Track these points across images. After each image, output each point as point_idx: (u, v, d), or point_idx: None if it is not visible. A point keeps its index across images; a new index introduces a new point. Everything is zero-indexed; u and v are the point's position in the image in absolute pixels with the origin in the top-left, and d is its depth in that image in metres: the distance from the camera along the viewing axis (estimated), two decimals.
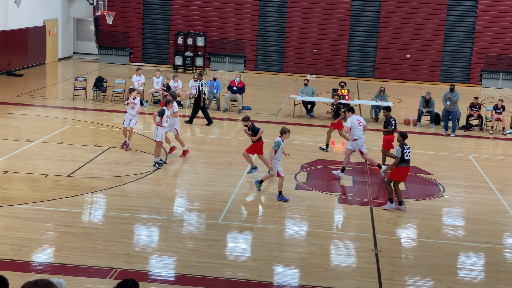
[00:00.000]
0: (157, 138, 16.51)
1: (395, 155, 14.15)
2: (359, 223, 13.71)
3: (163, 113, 16.47)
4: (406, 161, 14.12)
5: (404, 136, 14.28)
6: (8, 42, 30.36)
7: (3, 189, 14.27)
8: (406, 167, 14.15)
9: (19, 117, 21.67)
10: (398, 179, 14.20)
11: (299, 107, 24.89)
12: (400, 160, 14.03)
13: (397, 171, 14.13)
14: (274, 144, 14.73)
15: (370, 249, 12.14)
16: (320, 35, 35.64)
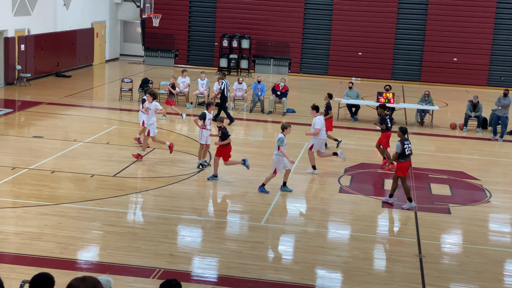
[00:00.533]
0: (202, 141, 16.64)
1: (395, 151, 14.34)
2: (403, 228, 13.56)
3: (204, 116, 16.57)
4: (407, 156, 14.33)
5: (404, 131, 14.56)
6: (57, 43, 30.93)
7: (50, 188, 14.54)
8: (407, 161, 14.34)
9: (66, 117, 22.06)
10: (405, 174, 14.38)
11: (343, 110, 24.75)
12: (400, 155, 14.21)
13: (400, 167, 14.31)
14: (278, 141, 14.84)
15: (414, 254, 11.99)
16: (365, 37, 35.39)
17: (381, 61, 35.49)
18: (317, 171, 16.94)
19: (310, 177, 16.70)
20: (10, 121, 21.42)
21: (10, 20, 26.95)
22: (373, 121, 18.10)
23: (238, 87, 25.26)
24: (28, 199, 13.70)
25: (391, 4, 35.10)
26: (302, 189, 15.89)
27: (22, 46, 27.90)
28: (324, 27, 35.83)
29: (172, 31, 36.67)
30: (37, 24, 29.05)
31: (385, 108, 18.15)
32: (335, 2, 35.43)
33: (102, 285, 4.57)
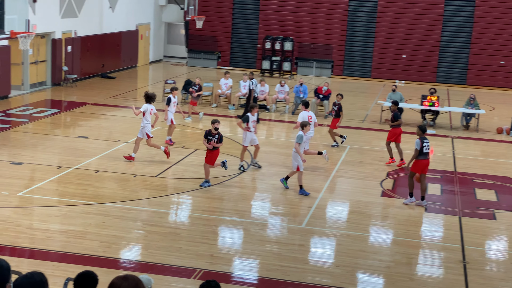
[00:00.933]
0: (245, 143, 16.70)
1: (415, 148, 14.47)
2: (446, 233, 13.36)
3: (247, 119, 16.62)
4: (425, 154, 14.48)
5: (424, 129, 14.73)
6: (103, 45, 31.38)
7: (94, 187, 14.75)
8: (425, 159, 14.50)
9: (111, 118, 22.34)
10: (419, 171, 14.48)
11: (386, 113, 24.51)
12: (419, 152, 14.37)
13: (416, 164, 14.50)
14: (297, 138, 15.00)
15: (458, 260, 11.81)
16: (410, 40, 35.01)
17: (426, 63, 35.06)
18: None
19: (352, 181, 16.59)
20: (56, 121, 21.80)
21: (57, 22, 27.44)
22: (385, 118, 18.30)
23: (280, 90, 25.24)
24: (73, 198, 13.91)
25: (437, 6, 34.65)
26: (344, 192, 15.80)
27: (69, 47, 28.38)
28: (367, 29, 35.57)
29: (215, 33, 36.85)
30: (84, 26, 29.52)
31: (397, 104, 18.52)
32: (379, 4, 35.15)
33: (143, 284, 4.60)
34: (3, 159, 16.53)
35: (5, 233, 11.74)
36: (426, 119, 24.17)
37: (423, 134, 14.71)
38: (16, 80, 25.41)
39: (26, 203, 13.45)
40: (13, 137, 19.30)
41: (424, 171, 14.62)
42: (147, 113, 16.98)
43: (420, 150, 14.43)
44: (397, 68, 35.36)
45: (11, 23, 19.48)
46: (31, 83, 26.39)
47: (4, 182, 14.58)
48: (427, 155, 14.59)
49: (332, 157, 18.66)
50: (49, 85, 27.52)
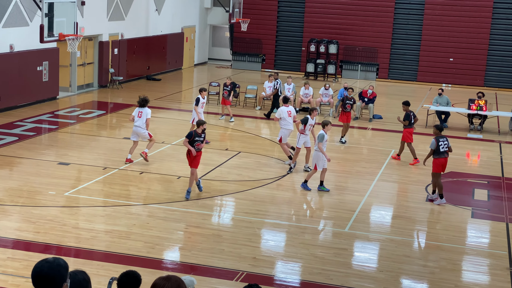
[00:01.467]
0: (298, 145, 16.84)
1: (430, 147, 14.88)
2: (493, 239, 13.10)
3: (306, 121, 16.74)
4: (443, 153, 14.78)
5: (440, 129, 15.11)
6: (148, 48, 31.72)
7: (138, 188, 14.90)
8: (443, 158, 14.78)
9: (155, 120, 22.55)
10: (440, 171, 14.74)
11: (432, 117, 24.20)
12: (436, 152, 14.71)
13: (435, 163, 14.77)
14: (318, 138, 15.21)
15: (504, 267, 11.57)
16: (457, 43, 34.48)
17: (474, 67, 34.48)
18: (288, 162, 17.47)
19: (396, 185, 16.40)
20: (102, 123, 22.12)
21: (105, 25, 27.86)
22: (398, 117, 19.06)
23: (324, 93, 25.15)
24: (118, 199, 14.08)
25: (485, 9, 34.07)
26: (388, 196, 15.64)
27: (116, 50, 28.78)
28: (414, 32, 35.16)
29: (260, 35, 36.92)
30: (130, 29, 29.90)
31: (408, 105, 18.66)
32: (426, 7, 34.72)
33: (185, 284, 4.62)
34: (51, 159, 16.84)
35: (52, 232, 11.95)
36: (473, 123, 23.77)
37: (440, 133, 15.00)
38: (64, 82, 25.88)
39: (72, 203, 13.67)
40: (60, 138, 19.65)
41: (443, 170, 14.90)
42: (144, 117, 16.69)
43: (437, 149, 14.72)
44: (444, 71, 34.87)
45: (60, 26, 19.84)
46: (79, 84, 26.84)
47: (51, 182, 14.85)
48: (445, 153, 14.84)
49: (377, 161, 18.50)
50: (95, 87, 27.95)
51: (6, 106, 22.00)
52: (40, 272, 3.98)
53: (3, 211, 12.97)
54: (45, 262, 4.03)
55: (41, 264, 4.01)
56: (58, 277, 3.99)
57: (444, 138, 14.99)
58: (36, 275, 4.00)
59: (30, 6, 22.09)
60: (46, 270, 3.98)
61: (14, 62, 22.21)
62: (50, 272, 3.98)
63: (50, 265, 4.00)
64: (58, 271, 4.00)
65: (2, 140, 18.39)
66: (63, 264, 4.04)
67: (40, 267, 4.00)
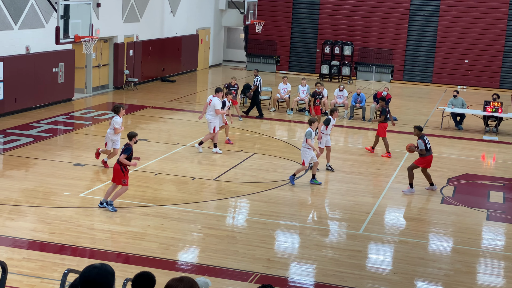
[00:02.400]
0: (321, 145, 17.11)
1: (420, 148, 15.54)
2: (509, 242, 13.02)
3: (328, 122, 17.09)
4: (429, 150, 15.61)
5: (420, 129, 15.96)
6: (163, 49, 31.82)
7: (153, 189, 14.95)
8: (430, 155, 15.63)
9: (170, 121, 22.62)
10: (424, 166, 15.61)
11: (447, 119, 24.09)
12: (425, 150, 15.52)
13: (422, 160, 15.58)
14: (306, 134, 15.69)
15: None
16: (472, 45, 34.29)
17: (489, 69, 34.28)
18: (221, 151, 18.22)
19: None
20: None
21: (120, 26, 27.98)
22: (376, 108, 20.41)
23: (339, 94, 25.09)
24: (132, 200, 14.14)
25: (501, 10, 33.86)
26: (403, 198, 15.58)
27: (131, 51, 28.90)
28: (429, 33, 35.01)
29: (275, 37, 36.92)
30: (145, 31, 30.01)
31: (384, 100, 19.83)
32: (441, 8, 34.57)
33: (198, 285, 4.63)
34: (66, 160, 16.94)
35: (67, 233, 12.02)
36: (488, 125, 23.64)
37: (421, 132, 15.83)
38: (79, 83, 26.03)
39: (87, 204, 13.74)
40: (75, 139, 19.76)
41: (428, 166, 15.72)
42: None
43: (425, 148, 15.53)
44: (459, 73, 34.70)
45: (75, 28, 19.96)
46: (94, 86, 26.98)
47: (67, 183, 14.94)
48: (431, 150, 15.71)
49: (391, 163, 18.45)
50: (111, 89, 28.07)
51: (22, 108, 22.16)
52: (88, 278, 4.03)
53: (18, 212, 13.06)
54: (93, 267, 4.08)
55: (89, 270, 4.07)
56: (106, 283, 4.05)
57: (425, 136, 15.81)
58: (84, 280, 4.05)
59: (46, 8, 22.25)
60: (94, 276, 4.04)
61: (30, 64, 22.37)
62: (98, 278, 4.04)
63: (98, 270, 4.06)
64: (106, 277, 4.06)
65: (18, 141, 18.52)
66: (110, 270, 4.11)
67: (88, 272, 4.06)
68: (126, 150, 13.24)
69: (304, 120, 24.06)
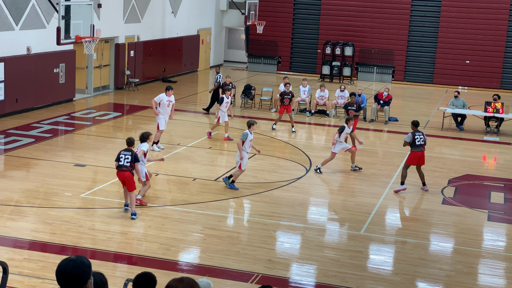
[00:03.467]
0: (334, 150, 16.96)
1: (404, 140, 15.79)
2: (510, 243, 13.02)
3: (343, 130, 16.99)
4: (419, 146, 15.62)
5: (416, 124, 15.98)
6: (164, 50, 31.83)
7: (154, 190, 14.95)
8: (419, 151, 15.62)
9: (171, 122, 22.59)
10: (414, 163, 15.65)
11: (448, 119, 24.09)
12: (412, 145, 15.58)
13: (411, 156, 15.69)
14: (242, 135, 15.22)
15: None
16: (473, 45, 34.28)
17: (490, 69, 34.26)
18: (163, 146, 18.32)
19: (412, 188, 16.32)
20: (118, 124, 22.23)
21: (121, 27, 27.99)
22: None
23: (340, 95, 25.08)
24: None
25: (502, 11, 33.85)
26: (403, 199, 15.57)
27: (132, 52, 28.90)
28: (430, 34, 35.01)
29: (276, 38, 36.92)
30: (146, 31, 30.02)
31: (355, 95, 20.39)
32: (443, 9, 34.57)
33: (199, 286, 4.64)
34: (67, 161, 16.95)
35: (68, 234, 12.03)
36: (489, 126, 23.63)
37: (416, 128, 15.89)
38: (80, 84, 26.03)
39: (88, 205, 13.75)
40: (76, 139, 19.77)
41: (420, 162, 15.73)
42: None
43: (413, 142, 15.58)
44: (460, 73, 34.68)
45: (76, 28, 19.96)
46: (95, 86, 26.99)
47: (67, 184, 14.94)
48: (421, 147, 15.67)
49: (392, 163, 18.44)
50: (112, 89, 28.08)
51: (23, 108, 22.17)
52: (65, 271, 4.02)
53: (19, 212, 13.07)
54: (69, 260, 4.07)
55: (66, 263, 4.05)
56: (83, 276, 4.04)
57: (420, 132, 15.81)
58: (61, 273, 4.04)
59: (47, 8, 22.26)
60: (71, 269, 4.03)
61: (31, 64, 22.38)
62: (74, 270, 4.03)
63: (74, 263, 4.04)
64: (82, 270, 4.05)
65: (19, 141, 18.53)
66: (87, 262, 4.10)
67: (64, 265, 4.04)
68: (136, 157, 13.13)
69: (305, 121, 24.07)
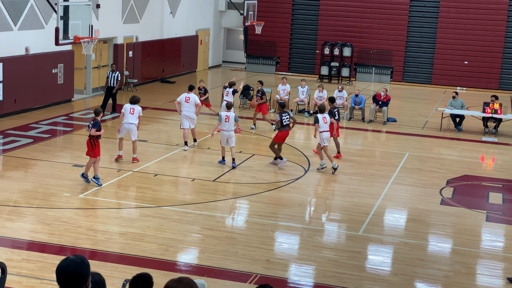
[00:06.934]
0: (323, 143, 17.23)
1: (277, 120, 17.20)
2: (508, 243, 13.03)
3: (317, 120, 17.19)
4: (285, 126, 17.22)
5: (283, 105, 17.69)
6: (163, 50, 31.83)
7: (153, 190, 14.95)
8: (285, 130, 17.29)
9: (170, 122, 22.61)
10: (280, 141, 17.41)
11: (446, 120, 24.11)
12: (280, 124, 17.14)
13: (278, 135, 17.32)
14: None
15: None
16: (472, 46, 34.31)
17: (488, 70, 34.29)
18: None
19: (410, 188, 16.33)
20: (116, 125, 22.19)
21: (120, 27, 27.99)
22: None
23: (338, 95, 25.08)
24: (132, 201, 14.13)
25: (500, 12, 33.88)
26: (402, 199, 15.59)
27: (130, 52, 28.90)
28: (428, 35, 35.03)
29: (274, 38, 36.93)
30: (145, 32, 30.01)
31: (333, 101, 19.44)
32: (441, 10, 34.60)
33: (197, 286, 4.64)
34: (65, 161, 16.94)
35: (66, 234, 12.02)
36: (488, 127, 23.65)
37: (283, 109, 17.46)
38: (79, 84, 26.02)
39: (87, 205, 13.74)
40: (75, 140, 19.76)
41: (282, 140, 17.39)
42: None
43: (281, 122, 17.05)
44: (459, 74, 34.71)
45: (75, 29, 19.95)
46: (93, 87, 26.97)
47: (66, 184, 14.93)
48: (287, 126, 17.24)
49: (391, 164, 18.45)
50: None
51: (22, 108, 22.16)
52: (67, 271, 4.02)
53: (18, 213, 13.06)
54: (70, 260, 4.08)
55: (67, 263, 4.05)
56: (85, 275, 4.07)
57: (286, 112, 17.40)
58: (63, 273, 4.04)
59: (45, 9, 22.25)
60: (73, 268, 4.04)
61: (30, 65, 22.37)
62: (76, 270, 4.04)
63: (75, 263, 4.06)
64: (84, 269, 4.08)
65: (18, 142, 18.52)
66: (86, 261, 4.13)
67: (66, 265, 4.05)
68: (95, 124, 14.68)
69: (304, 121, 24.08)
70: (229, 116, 17.05)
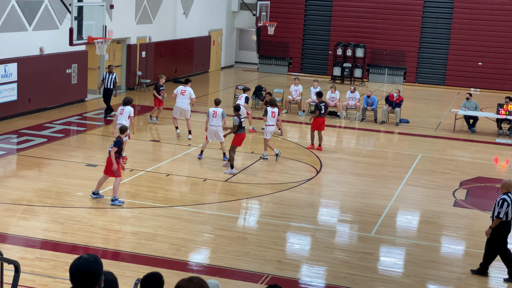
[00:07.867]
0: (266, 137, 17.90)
1: (233, 124, 16.74)
2: None
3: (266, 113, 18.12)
4: (243, 128, 16.91)
5: (237, 108, 17.16)
6: (176, 51, 31.90)
7: (165, 190, 15.00)
8: (243, 133, 16.90)
9: (182, 122, 22.66)
10: (239, 144, 16.84)
11: (460, 121, 24.01)
12: (238, 127, 16.68)
13: (236, 137, 16.72)
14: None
15: None
16: (486, 47, 34.13)
17: (503, 71, 34.09)
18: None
19: (423, 190, 16.28)
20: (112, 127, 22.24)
21: (133, 28, 28.09)
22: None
23: (351, 96, 25.06)
24: (144, 200, 14.19)
25: None
26: (414, 201, 15.54)
27: (143, 53, 28.99)
28: (442, 36, 34.89)
29: (287, 39, 36.92)
30: (158, 32, 30.10)
31: (321, 96, 20.04)
32: (455, 11, 34.45)
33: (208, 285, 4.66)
34: (79, 161, 17.02)
35: (79, 233, 12.09)
36: (502, 128, 23.53)
37: (238, 112, 17.01)
38: (92, 85, 26.13)
39: (100, 204, 13.80)
40: (88, 139, 19.86)
41: (239, 144, 16.86)
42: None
43: (239, 125, 16.67)
44: (472, 75, 34.54)
45: (89, 29, 20.04)
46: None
47: (79, 184, 15.01)
48: (244, 129, 17.00)
49: (403, 165, 18.39)
50: (123, 90, 28.16)
51: (36, 108, 22.29)
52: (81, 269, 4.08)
53: (32, 212, 13.14)
54: (84, 259, 4.13)
55: (81, 262, 4.11)
56: (98, 273, 4.12)
57: (239, 116, 17.01)
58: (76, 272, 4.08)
59: (60, 9, 22.37)
60: (86, 267, 4.09)
61: (44, 65, 22.50)
62: (90, 268, 4.10)
63: (89, 261, 4.11)
64: (97, 268, 4.12)
65: (32, 141, 18.64)
66: (99, 260, 4.18)
67: (80, 264, 4.10)
68: (116, 143, 13.73)
69: None
70: (217, 112, 17.28)
